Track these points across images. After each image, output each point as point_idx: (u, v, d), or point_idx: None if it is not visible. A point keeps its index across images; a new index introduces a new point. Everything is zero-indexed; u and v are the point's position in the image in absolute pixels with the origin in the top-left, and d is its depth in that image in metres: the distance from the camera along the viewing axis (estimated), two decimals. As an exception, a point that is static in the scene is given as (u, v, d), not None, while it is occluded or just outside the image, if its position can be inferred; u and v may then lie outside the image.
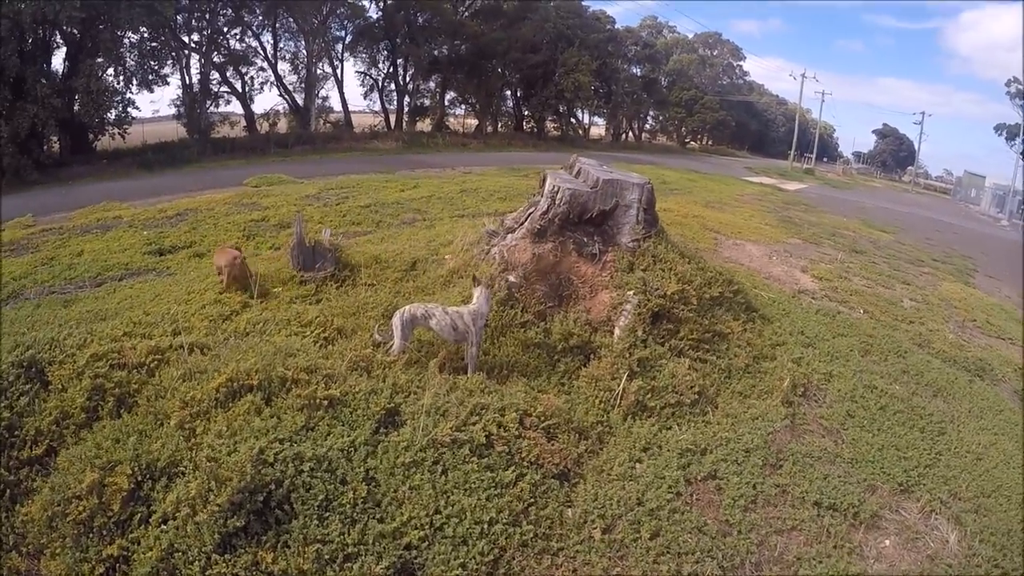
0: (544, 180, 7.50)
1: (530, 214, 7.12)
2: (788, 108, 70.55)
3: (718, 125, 56.89)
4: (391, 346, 5.73)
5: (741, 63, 62.46)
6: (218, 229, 11.56)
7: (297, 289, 7.58)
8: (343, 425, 4.53)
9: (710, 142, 61.83)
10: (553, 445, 4.82)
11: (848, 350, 7.69)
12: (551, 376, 5.96)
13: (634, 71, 50.14)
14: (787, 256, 12.84)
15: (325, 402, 4.61)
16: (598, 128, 51.35)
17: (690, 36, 59.01)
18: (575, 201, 6.93)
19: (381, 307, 6.70)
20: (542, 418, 5.02)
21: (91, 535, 3.88)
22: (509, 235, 7.23)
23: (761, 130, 70.12)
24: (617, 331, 6.36)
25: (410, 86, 36.99)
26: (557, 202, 6.92)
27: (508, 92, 42.04)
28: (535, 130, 41.98)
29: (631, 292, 6.63)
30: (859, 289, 10.98)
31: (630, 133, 53.87)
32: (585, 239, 7.00)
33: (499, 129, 41.54)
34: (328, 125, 33.13)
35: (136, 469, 4.08)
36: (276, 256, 8.82)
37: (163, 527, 3.81)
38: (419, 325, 5.78)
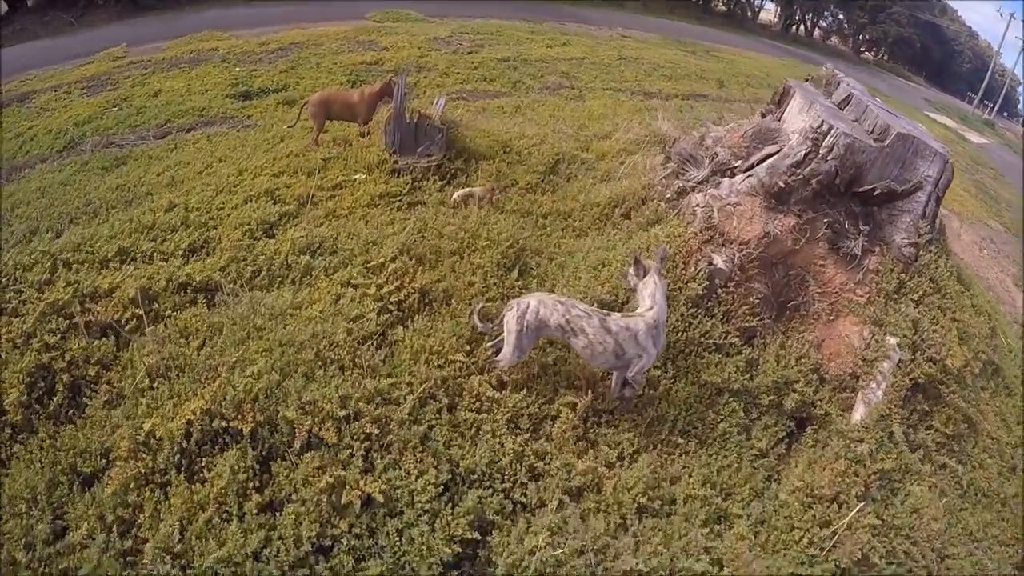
0: (786, 95, 4.30)
1: (768, 156, 4.01)
2: (978, 44, 56.45)
3: (900, 41, 45.89)
4: (498, 347, 3.27)
5: (941, -21, 48.99)
6: (320, 71, 9.07)
7: (386, 182, 4.94)
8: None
9: (886, 58, 50.62)
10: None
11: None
12: (742, 454, 3.37)
13: (823, -42, 39.94)
14: (996, 252, 10.53)
15: (357, 502, 2.34)
16: (767, 13, 42.46)
17: (892, -67, 45.94)
18: (849, 159, 3.80)
19: (499, 247, 3.98)
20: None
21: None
22: (725, 181, 4.16)
23: (944, 60, 56.70)
24: (861, 409, 3.56)
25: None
26: (823, 154, 3.79)
27: (679, -50, 34.43)
28: (700, 0, 34.81)
29: (894, 340, 3.73)
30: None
31: (803, 26, 44.45)
32: (847, 225, 3.94)
33: (662, -9, 34.71)
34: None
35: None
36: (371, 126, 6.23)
37: None
38: (550, 335, 3.24)
